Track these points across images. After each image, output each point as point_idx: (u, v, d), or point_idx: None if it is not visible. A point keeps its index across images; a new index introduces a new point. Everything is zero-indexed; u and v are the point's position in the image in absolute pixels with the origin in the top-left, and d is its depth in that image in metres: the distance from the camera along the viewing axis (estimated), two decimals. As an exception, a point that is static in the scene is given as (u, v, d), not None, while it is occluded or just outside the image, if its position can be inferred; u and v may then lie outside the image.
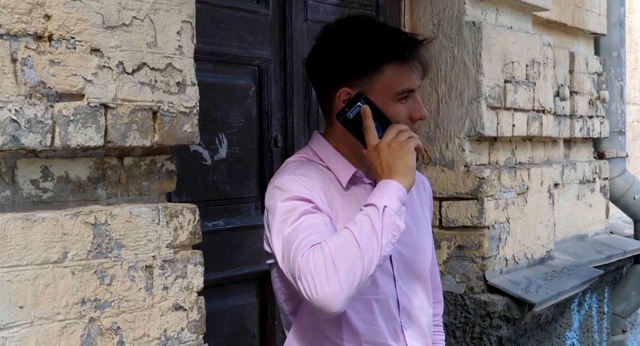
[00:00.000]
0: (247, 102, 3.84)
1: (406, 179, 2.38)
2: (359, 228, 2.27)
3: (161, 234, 2.63)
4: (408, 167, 2.39)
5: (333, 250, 2.22)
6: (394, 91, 2.49)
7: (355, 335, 2.50)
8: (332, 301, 2.20)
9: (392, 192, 2.34)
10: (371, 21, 2.65)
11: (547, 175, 5.69)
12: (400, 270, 2.58)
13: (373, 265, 2.25)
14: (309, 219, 2.35)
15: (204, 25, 3.48)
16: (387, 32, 2.55)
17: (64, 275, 2.36)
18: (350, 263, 2.22)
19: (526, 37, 5.44)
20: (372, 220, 2.28)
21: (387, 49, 2.49)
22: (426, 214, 2.78)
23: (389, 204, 2.31)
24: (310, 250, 2.25)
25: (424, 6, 5.06)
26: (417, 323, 2.62)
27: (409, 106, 2.51)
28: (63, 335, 2.36)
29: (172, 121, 2.66)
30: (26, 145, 2.27)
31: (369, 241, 2.25)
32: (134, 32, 2.55)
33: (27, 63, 2.27)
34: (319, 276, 2.20)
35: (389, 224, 2.29)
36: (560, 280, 5.45)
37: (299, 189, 2.41)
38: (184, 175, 3.34)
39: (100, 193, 2.55)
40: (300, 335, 2.58)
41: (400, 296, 2.58)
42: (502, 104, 5.10)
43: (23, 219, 2.27)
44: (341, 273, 2.20)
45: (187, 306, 2.70)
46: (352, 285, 2.22)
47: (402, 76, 2.49)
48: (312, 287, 2.21)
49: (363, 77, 2.50)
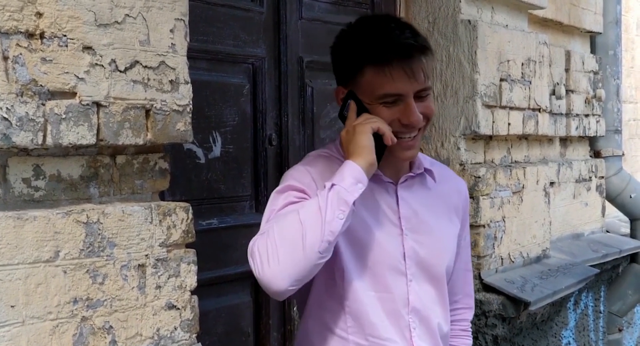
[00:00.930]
0: (242, 101, 3.83)
1: (360, 158, 2.40)
2: (305, 208, 2.34)
3: (154, 233, 2.62)
4: (360, 146, 2.41)
5: (276, 231, 2.31)
6: (374, 94, 2.48)
7: (360, 328, 2.52)
8: (274, 280, 2.30)
9: (345, 171, 2.38)
10: (377, 21, 2.60)
11: (543, 174, 5.68)
12: (414, 270, 2.58)
13: (316, 242, 2.29)
14: (288, 208, 2.41)
15: (198, 23, 3.47)
16: (375, 35, 2.50)
17: (55, 274, 2.35)
18: (290, 242, 2.29)
19: (522, 35, 5.44)
20: (318, 199, 2.34)
21: (366, 52, 2.47)
22: (453, 219, 2.75)
23: (337, 182, 2.35)
24: (261, 233, 2.37)
25: (419, 4, 5.05)
26: (427, 324, 2.61)
27: (400, 110, 2.49)
28: (55, 334, 2.35)
29: (165, 119, 2.65)
30: (18, 143, 2.26)
31: (312, 219, 2.31)
32: (126, 30, 2.54)
33: (18, 61, 2.26)
34: (261, 257, 2.31)
35: (336, 200, 2.33)
36: (556, 279, 5.44)
37: (298, 178, 2.49)
38: (178, 174, 3.33)
39: (93, 192, 2.54)
40: (307, 329, 2.62)
41: (411, 295, 2.58)
42: (497, 102, 5.10)
43: (14, 218, 2.26)
44: (281, 253, 2.29)
45: (180, 305, 2.69)
46: (294, 263, 2.29)
47: (381, 80, 2.46)
48: (257, 267, 2.32)
49: (350, 77, 2.53)
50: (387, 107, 2.48)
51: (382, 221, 2.56)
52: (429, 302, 2.63)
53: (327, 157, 2.60)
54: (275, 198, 2.47)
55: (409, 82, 2.46)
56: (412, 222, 2.59)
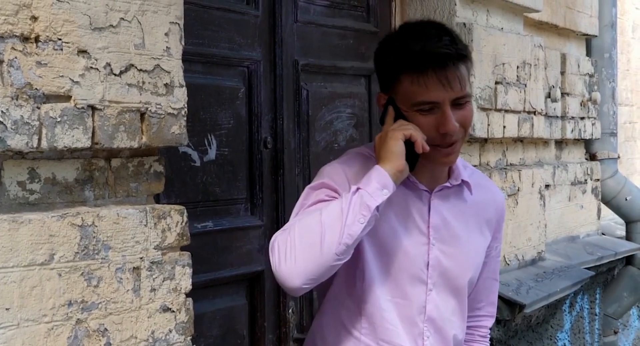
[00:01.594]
0: (237, 104, 3.83)
1: (388, 164, 2.42)
2: (328, 210, 2.37)
3: (149, 236, 2.63)
4: (389, 152, 2.43)
5: (297, 229, 2.36)
6: (410, 102, 2.49)
7: (373, 331, 2.55)
8: (288, 278, 2.35)
9: (372, 176, 2.40)
10: (419, 27, 2.59)
11: (538, 176, 5.69)
12: (435, 279, 2.59)
13: (334, 244, 2.33)
14: (318, 205, 2.44)
15: (193, 26, 3.47)
16: (412, 43, 2.50)
17: (50, 277, 2.36)
18: (309, 242, 2.33)
19: (517, 38, 5.45)
20: (342, 202, 2.37)
21: (402, 60, 2.49)
22: (485, 233, 2.75)
23: (363, 187, 2.37)
24: (283, 229, 2.41)
25: (414, 7, 5.06)
26: (442, 335, 2.63)
27: (436, 119, 2.48)
28: (50, 336, 2.35)
29: (160, 122, 2.66)
30: (13, 146, 2.27)
31: (333, 220, 2.34)
32: (121, 33, 2.55)
33: (13, 64, 2.26)
34: (280, 253, 2.36)
35: (359, 204, 2.35)
36: (551, 281, 5.45)
37: (333, 177, 2.52)
38: (173, 176, 3.33)
39: (88, 195, 2.54)
40: (322, 321, 2.66)
41: (428, 304, 2.59)
42: (492, 105, 5.10)
43: (9, 221, 2.27)
44: (299, 252, 2.33)
45: (175, 307, 2.70)
46: (310, 263, 2.34)
47: (417, 88, 2.47)
48: (276, 263, 2.37)
49: (388, 84, 2.55)
50: (423, 115, 2.48)
51: (411, 229, 2.58)
52: (447, 313, 2.64)
53: (366, 156, 2.61)
54: (307, 194, 2.52)
55: (444, 91, 2.46)
56: (441, 232, 2.60)
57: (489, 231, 2.77)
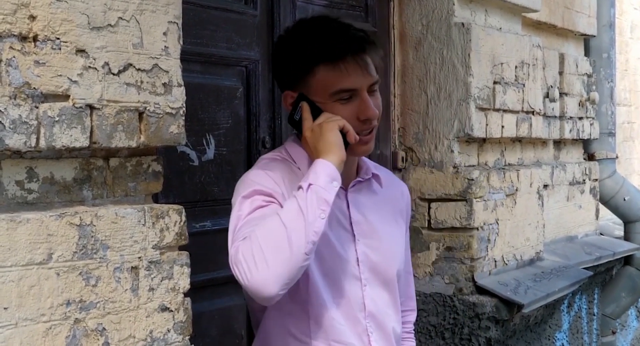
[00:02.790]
0: (235, 103, 3.83)
1: (331, 155, 2.41)
2: (285, 211, 2.32)
3: (147, 236, 2.63)
4: (330, 143, 2.42)
5: (260, 236, 2.29)
6: (328, 92, 2.50)
7: (323, 333, 2.52)
8: (264, 286, 2.27)
9: (318, 169, 2.38)
10: (319, 21, 2.63)
11: (537, 176, 5.69)
12: (367, 275, 2.59)
13: (302, 243, 2.29)
14: (259, 212, 2.40)
15: (192, 26, 3.47)
16: (322, 33, 2.54)
17: (48, 276, 2.35)
18: (277, 245, 2.27)
19: (515, 38, 5.45)
20: (298, 200, 2.33)
21: (316, 51, 2.49)
22: (400, 223, 2.78)
23: (314, 182, 2.35)
24: (242, 239, 2.33)
25: (412, 7, 5.06)
26: (383, 329, 2.62)
27: (355, 106, 2.51)
28: (48, 336, 2.35)
29: (158, 122, 2.66)
30: (11, 146, 2.26)
31: (294, 220, 2.29)
32: (119, 32, 2.55)
33: (11, 64, 2.26)
34: (248, 262, 2.28)
35: (316, 200, 2.32)
36: (549, 281, 5.45)
37: (263, 183, 2.47)
38: (171, 176, 3.33)
39: (86, 194, 2.54)
40: (268, 334, 2.60)
41: (366, 300, 2.59)
42: (491, 105, 5.11)
43: (7, 220, 2.26)
44: (268, 257, 2.26)
45: (173, 307, 2.69)
46: (283, 266, 2.27)
47: (334, 76, 2.48)
48: (244, 274, 2.29)
49: (300, 80, 2.54)
50: (343, 104, 2.50)
51: (335, 227, 2.57)
52: (384, 306, 2.64)
53: (280, 160, 2.59)
54: (241, 203, 2.46)
55: (363, 76, 2.49)
56: (362, 227, 2.60)
57: (402, 221, 2.80)
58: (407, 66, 5.06)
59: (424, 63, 5.02)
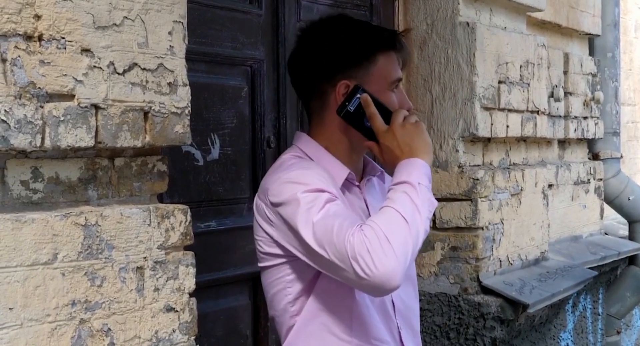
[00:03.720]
0: (240, 103, 3.83)
1: (428, 157, 2.42)
2: (401, 205, 2.29)
3: (152, 236, 2.62)
4: (428, 144, 2.44)
5: (383, 227, 2.23)
6: (388, 81, 2.54)
7: (365, 331, 2.50)
8: (392, 275, 2.21)
9: (420, 169, 2.38)
10: (352, 18, 2.68)
11: (542, 176, 5.68)
12: None
13: (420, 239, 2.29)
14: (333, 207, 2.34)
15: (197, 25, 3.47)
16: (371, 25, 2.67)
17: (54, 276, 2.35)
18: (402, 237, 2.24)
19: (520, 37, 5.44)
20: (410, 196, 2.31)
21: (378, 38, 2.54)
22: None
23: (421, 181, 2.35)
24: (360, 230, 2.24)
25: (417, 6, 5.05)
26: (409, 325, 2.63)
27: (398, 97, 2.57)
28: (53, 336, 2.34)
29: (164, 121, 2.65)
30: (16, 146, 2.26)
31: (413, 216, 2.28)
32: (125, 32, 2.54)
33: (16, 63, 2.25)
34: (376, 252, 2.20)
35: (426, 200, 2.33)
36: (554, 281, 5.43)
37: (315, 182, 2.40)
38: (176, 176, 3.33)
39: (91, 194, 2.53)
40: (306, 335, 2.54)
41: (395, 297, 2.58)
42: (496, 104, 5.09)
43: (13, 221, 2.26)
44: (396, 248, 2.21)
45: (178, 307, 2.69)
46: (407, 259, 2.24)
47: (393, 65, 2.55)
48: (371, 264, 2.20)
49: (359, 68, 2.53)
50: (394, 93, 2.56)
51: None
52: (408, 301, 2.65)
53: (303, 158, 2.58)
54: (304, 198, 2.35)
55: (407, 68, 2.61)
56: None
57: None
58: (412, 65, 5.05)
59: (429, 62, 5.01)
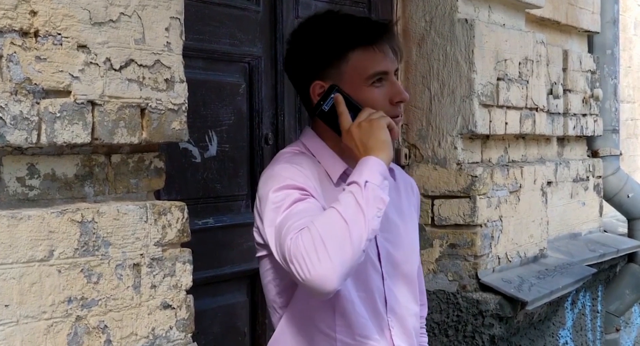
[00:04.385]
0: (238, 100, 3.82)
1: (383, 154, 2.39)
2: (344, 206, 2.27)
3: (149, 232, 2.61)
4: (381, 141, 2.40)
5: (320, 229, 2.22)
6: (363, 77, 2.51)
7: (348, 328, 2.50)
8: (326, 279, 2.20)
9: (372, 167, 2.35)
10: (336, 13, 2.64)
11: (540, 173, 5.68)
12: (388, 268, 2.58)
13: (362, 240, 2.25)
14: (300, 205, 2.35)
15: (194, 22, 3.46)
16: (349, 21, 2.57)
17: (50, 273, 2.34)
18: (339, 240, 2.22)
19: (519, 34, 5.43)
20: (355, 196, 2.29)
21: (349, 36, 2.51)
22: (413, 216, 2.78)
23: (370, 179, 2.32)
24: (298, 233, 2.25)
25: (416, 3, 5.04)
26: (403, 323, 2.61)
27: (387, 90, 2.53)
28: (49, 333, 2.34)
29: (161, 118, 2.64)
30: (12, 142, 2.25)
31: (355, 216, 2.25)
32: (121, 28, 2.53)
33: (12, 59, 2.24)
34: (310, 256, 2.20)
35: (373, 198, 2.30)
36: (553, 279, 5.43)
37: (293, 177, 2.41)
38: (174, 173, 3.32)
39: (88, 191, 2.53)
40: (292, 328, 2.56)
41: (387, 294, 2.58)
42: (494, 101, 5.09)
43: (8, 217, 2.25)
44: (331, 251, 2.20)
45: (175, 304, 2.68)
46: (344, 262, 2.22)
47: (369, 60, 2.50)
48: (305, 268, 2.21)
49: (331, 68, 2.53)
50: (377, 87, 2.52)
51: None
52: (403, 300, 2.63)
53: (301, 154, 2.57)
54: (275, 196, 2.38)
55: (391, 60, 2.54)
56: (382, 221, 2.57)
57: (416, 215, 2.80)
58: (410, 62, 5.05)
59: (428, 59, 5.00)
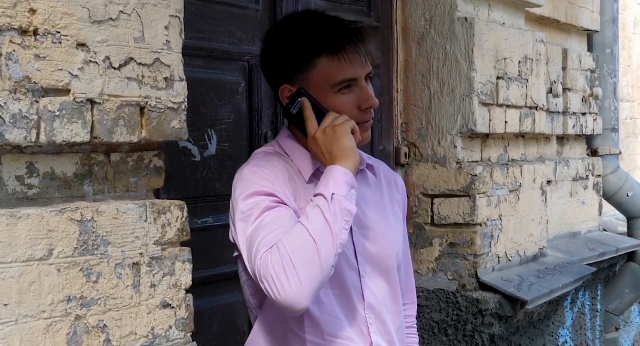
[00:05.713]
0: (237, 98, 3.81)
1: (348, 161, 2.38)
2: (312, 222, 2.29)
3: (148, 231, 2.61)
4: (345, 148, 2.39)
5: (289, 249, 2.25)
6: (329, 83, 2.47)
7: (317, 328, 2.48)
8: (295, 300, 2.25)
9: (338, 177, 2.35)
10: (311, 14, 2.59)
11: (540, 172, 5.67)
12: (365, 265, 2.56)
13: (331, 256, 2.28)
14: (270, 214, 2.36)
15: (194, 20, 3.45)
16: (318, 26, 2.51)
17: (49, 272, 2.33)
18: (307, 259, 2.25)
19: (519, 33, 5.42)
20: (322, 211, 2.30)
21: (315, 42, 2.47)
22: (397, 213, 2.75)
23: (336, 191, 2.32)
24: (268, 251, 2.28)
25: (415, 2, 5.04)
26: (381, 320, 2.60)
27: (356, 96, 2.50)
28: (48, 333, 2.33)
29: (160, 116, 2.63)
30: (11, 141, 2.24)
31: (322, 233, 2.28)
32: (120, 26, 2.52)
33: (11, 57, 2.24)
34: (279, 277, 2.24)
35: (340, 211, 2.31)
36: (552, 277, 5.43)
37: (261, 183, 2.42)
38: (173, 171, 3.31)
39: (87, 189, 2.52)
40: (266, 328, 2.57)
41: (365, 291, 2.56)
42: (494, 100, 5.08)
43: (8, 216, 2.24)
44: (300, 271, 2.24)
45: (175, 303, 2.68)
46: (313, 280, 2.26)
47: (335, 67, 2.46)
48: (275, 289, 2.25)
49: (299, 73, 2.50)
50: (344, 94, 2.48)
51: None
52: (382, 297, 2.61)
53: (274, 154, 2.56)
54: (245, 204, 2.41)
55: (361, 66, 2.48)
56: (359, 217, 2.56)
57: (399, 211, 2.77)
58: (409, 60, 5.04)
59: (427, 58, 5.00)
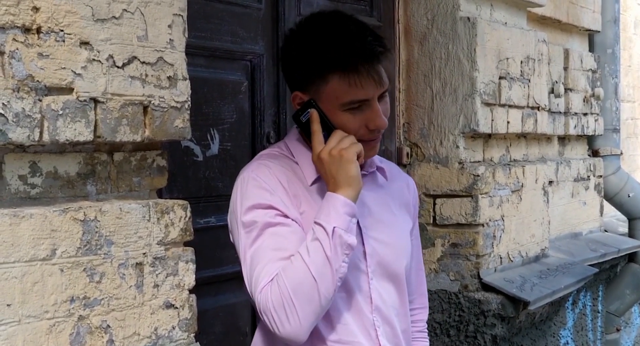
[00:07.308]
0: (240, 98, 3.80)
1: (351, 190, 2.38)
2: (312, 258, 2.31)
3: (152, 231, 2.59)
4: (350, 176, 2.38)
5: (289, 286, 2.29)
6: (339, 102, 2.43)
7: (318, 333, 2.46)
8: (295, 337, 2.32)
9: (339, 209, 2.35)
10: (335, 21, 2.53)
11: (542, 172, 5.66)
12: (374, 268, 2.55)
13: (330, 292, 2.33)
14: (271, 236, 2.37)
15: (196, 19, 3.44)
16: (338, 38, 2.45)
17: (52, 273, 2.32)
18: (307, 297, 2.30)
19: (521, 33, 5.41)
20: (323, 246, 2.32)
21: (331, 58, 2.41)
22: (406, 217, 2.73)
23: (337, 224, 2.33)
24: (268, 285, 2.31)
25: (417, 1, 5.03)
26: (389, 323, 2.58)
27: (365, 115, 2.45)
28: (51, 333, 2.32)
29: (163, 115, 2.62)
30: (14, 140, 2.23)
31: (322, 270, 2.31)
32: (124, 25, 2.51)
33: (15, 56, 2.23)
34: (279, 315, 2.30)
35: (340, 246, 2.33)
36: (554, 278, 5.42)
37: (259, 194, 2.41)
38: (176, 171, 3.30)
39: (90, 189, 2.51)
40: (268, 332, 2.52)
41: (373, 294, 2.54)
42: (496, 100, 5.07)
43: (11, 216, 2.23)
44: (300, 310, 2.30)
45: (178, 304, 2.66)
46: (312, 317, 2.33)
47: (345, 87, 2.42)
48: (275, 325, 2.31)
49: (312, 84, 2.46)
50: (352, 113, 2.45)
51: None
52: (390, 301, 2.59)
53: (279, 156, 2.54)
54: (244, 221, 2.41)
55: (375, 87, 2.43)
56: (369, 220, 2.56)
57: (409, 215, 2.75)
58: (412, 60, 5.03)
59: (429, 58, 4.99)
